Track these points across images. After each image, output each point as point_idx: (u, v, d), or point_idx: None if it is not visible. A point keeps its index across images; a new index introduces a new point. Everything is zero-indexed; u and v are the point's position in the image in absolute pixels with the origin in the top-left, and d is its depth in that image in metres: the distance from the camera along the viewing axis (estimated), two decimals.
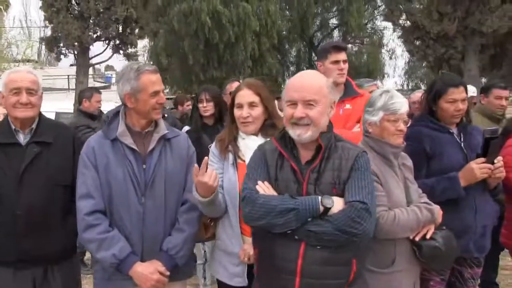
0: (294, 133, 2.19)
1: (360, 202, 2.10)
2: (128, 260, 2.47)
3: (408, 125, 2.68)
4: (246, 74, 21.77)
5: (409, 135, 3.14)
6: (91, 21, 15.06)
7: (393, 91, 2.67)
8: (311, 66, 26.48)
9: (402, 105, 2.58)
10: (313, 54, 26.43)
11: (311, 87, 2.19)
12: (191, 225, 2.61)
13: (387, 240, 2.53)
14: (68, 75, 25.27)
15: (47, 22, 17.85)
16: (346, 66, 3.73)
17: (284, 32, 25.26)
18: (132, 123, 2.60)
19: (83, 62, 15.91)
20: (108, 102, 8.89)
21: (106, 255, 2.45)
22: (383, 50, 26.76)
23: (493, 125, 3.71)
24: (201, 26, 20.00)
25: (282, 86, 26.28)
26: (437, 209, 2.60)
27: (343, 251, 2.13)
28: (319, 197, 2.10)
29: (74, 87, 19.09)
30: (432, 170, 3.03)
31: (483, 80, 14.30)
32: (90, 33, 15.08)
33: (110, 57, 20.27)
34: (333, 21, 26.21)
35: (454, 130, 3.11)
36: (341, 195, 2.16)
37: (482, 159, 2.90)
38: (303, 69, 26.13)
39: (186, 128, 4.42)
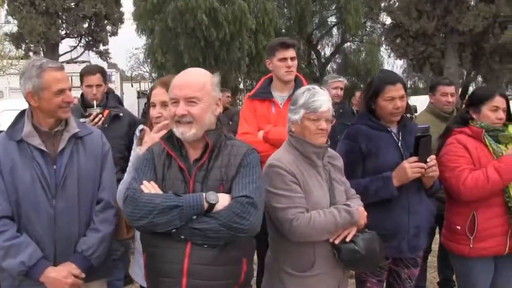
0: (178, 131, 2.16)
1: (246, 197, 2.07)
2: (38, 265, 2.38)
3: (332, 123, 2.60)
4: (243, 72, 21.76)
5: (346, 134, 3.10)
6: (58, 17, 14.82)
7: (317, 88, 2.59)
8: (310, 64, 26.49)
9: (323, 103, 2.50)
10: (312, 53, 26.39)
11: (193, 84, 2.17)
12: (106, 224, 2.54)
13: (306, 242, 2.47)
14: None
15: (9, 17, 17.43)
16: (294, 63, 3.66)
17: (283, 30, 25.16)
18: (39, 123, 2.50)
19: (52, 59, 15.70)
20: None
21: (14, 262, 2.36)
22: (381, 48, 26.60)
23: (443, 124, 3.62)
24: (198, 24, 19.99)
25: None
26: (357, 211, 2.53)
27: (231, 249, 2.10)
28: (204, 194, 2.07)
29: None
30: (368, 169, 2.97)
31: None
32: (57, 30, 14.81)
33: (80, 54, 20.06)
34: (332, 19, 26.11)
35: (394, 128, 3.04)
36: (229, 192, 2.13)
37: (414, 158, 2.83)
38: (302, 67, 26.12)
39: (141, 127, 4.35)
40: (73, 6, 14.89)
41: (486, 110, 3.12)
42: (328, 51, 26.79)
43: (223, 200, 2.08)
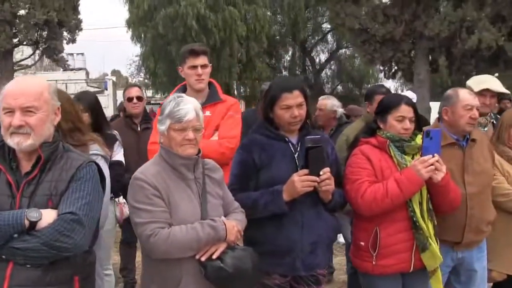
0: (12, 141, 2.01)
1: (71, 214, 1.94)
2: None
3: None
4: (234, 79, 21.67)
5: (241, 144, 2.94)
6: (8, 24, 14.53)
7: (185, 97, 2.44)
8: (304, 70, 26.36)
9: (188, 112, 2.34)
10: (307, 59, 26.26)
11: (30, 93, 2.02)
12: None
13: (171, 260, 2.32)
14: None
15: None
16: (205, 71, 3.52)
17: (277, 37, 25.10)
18: None
19: (5, 67, 15.36)
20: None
21: None
22: None
23: None
24: (188, 30, 19.96)
25: None
26: (223, 227, 2.36)
27: (60, 267, 1.97)
28: (26, 210, 1.93)
29: None
30: (261, 181, 2.79)
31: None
32: (7, 37, 14.51)
33: (36, 62, 20.11)
34: (327, 26, 25.96)
35: (293, 138, 2.86)
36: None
37: (305, 171, 2.65)
38: (296, 74, 26.01)
39: None
40: (23, 14, 14.66)
41: (391, 120, 2.94)
42: (323, 57, 26.66)
43: (48, 217, 1.94)
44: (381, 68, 13.62)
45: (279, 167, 2.76)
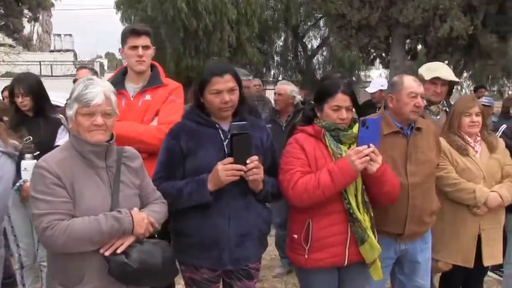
0: None
1: None
2: None
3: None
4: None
5: (170, 130, 2.81)
6: None
7: (95, 79, 2.30)
8: (296, 56, 26.09)
9: (96, 95, 2.19)
10: (299, 45, 25.97)
11: None
12: None
13: (74, 254, 2.18)
14: None
15: None
16: (147, 52, 3.37)
17: (270, 22, 24.76)
18: None
19: None
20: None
21: None
22: None
23: None
24: (178, 13, 19.67)
25: (266, 76, 25.95)
26: (129, 218, 2.23)
27: None
28: None
29: None
30: (188, 170, 2.66)
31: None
32: None
33: None
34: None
35: (225, 125, 2.73)
36: None
37: (230, 159, 2.52)
38: (288, 60, 25.77)
39: None
40: None
41: (327, 109, 2.80)
42: (315, 43, 26.32)
43: None
44: (360, 54, 13.45)
45: (206, 155, 2.64)
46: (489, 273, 4.71)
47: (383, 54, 12.92)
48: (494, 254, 3.54)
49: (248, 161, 2.52)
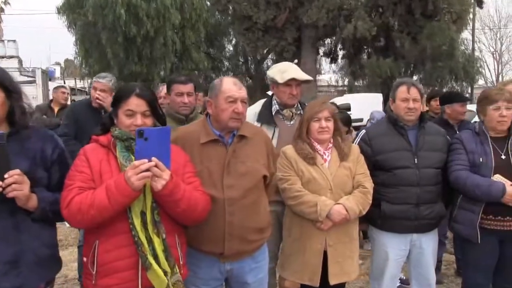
0: None
1: None
2: None
3: None
4: (168, 69, 21.06)
5: None
6: None
7: None
8: (246, 61, 25.89)
9: None
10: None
11: None
12: None
13: None
14: None
15: None
16: None
17: (221, 26, 24.51)
18: None
19: None
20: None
21: None
22: None
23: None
24: (117, 19, 19.24)
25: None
26: None
27: None
28: None
29: None
30: None
31: None
32: None
33: None
34: None
35: None
36: None
37: None
38: (238, 64, 25.54)
39: None
40: None
41: (121, 114, 2.50)
42: None
43: None
44: (271, 58, 13.27)
45: None
46: None
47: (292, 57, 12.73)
48: (344, 270, 3.29)
49: (6, 176, 2.19)
